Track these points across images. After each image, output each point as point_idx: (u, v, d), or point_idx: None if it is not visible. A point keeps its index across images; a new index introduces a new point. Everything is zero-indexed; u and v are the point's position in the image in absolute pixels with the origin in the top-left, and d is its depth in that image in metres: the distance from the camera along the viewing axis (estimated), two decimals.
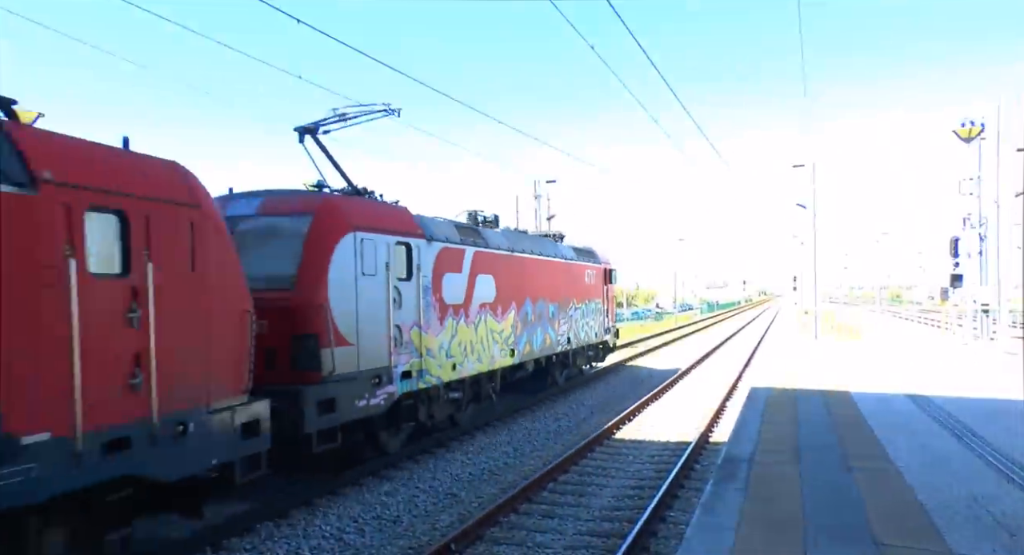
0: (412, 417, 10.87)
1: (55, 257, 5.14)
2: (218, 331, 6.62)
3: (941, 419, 10.09)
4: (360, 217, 9.69)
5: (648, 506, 8.13)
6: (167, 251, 6.10)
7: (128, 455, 5.64)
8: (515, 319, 14.47)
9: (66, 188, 5.27)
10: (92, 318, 5.36)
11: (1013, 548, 5.18)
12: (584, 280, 19.15)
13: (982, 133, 22.71)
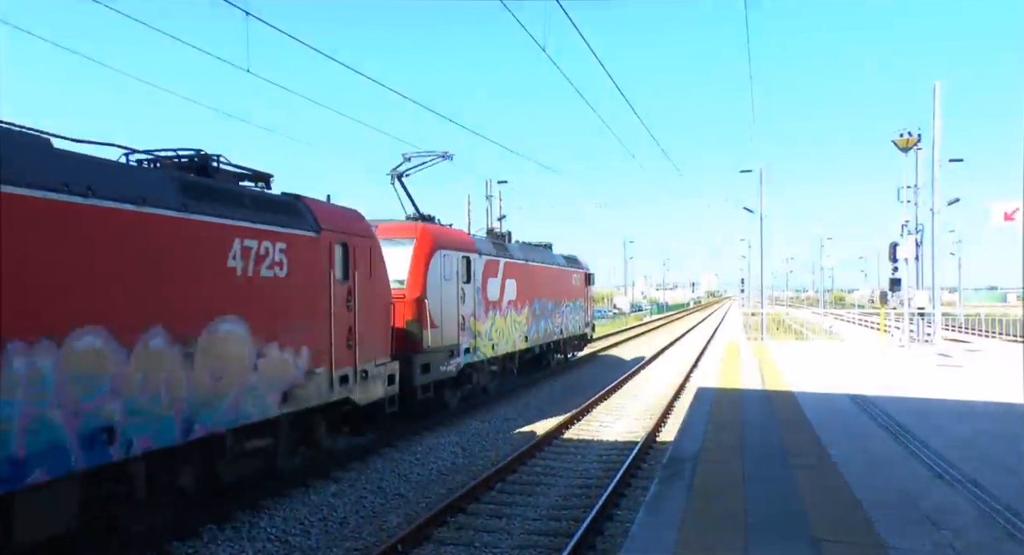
0: (468, 381, 15.19)
1: (326, 270, 9.30)
2: (380, 315, 10.76)
3: (879, 418, 10.43)
4: (442, 239, 13.93)
5: (595, 505, 8.22)
6: (361, 266, 10.15)
7: (347, 386, 9.73)
8: (528, 313, 18.65)
9: (328, 232, 9.39)
10: (336, 306, 9.42)
11: (938, 539, 5.38)
12: (571, 283, 23.20)
13: (919, 143, 23.51)
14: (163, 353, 6.65)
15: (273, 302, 8.25)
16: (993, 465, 7.61)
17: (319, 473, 9.80)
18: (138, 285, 6.42)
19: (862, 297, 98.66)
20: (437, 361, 13.26)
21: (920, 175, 25.37)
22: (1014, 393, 12.84)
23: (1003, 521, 5.78)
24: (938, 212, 25.67)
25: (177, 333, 6.83)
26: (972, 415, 10.76)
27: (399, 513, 8.56)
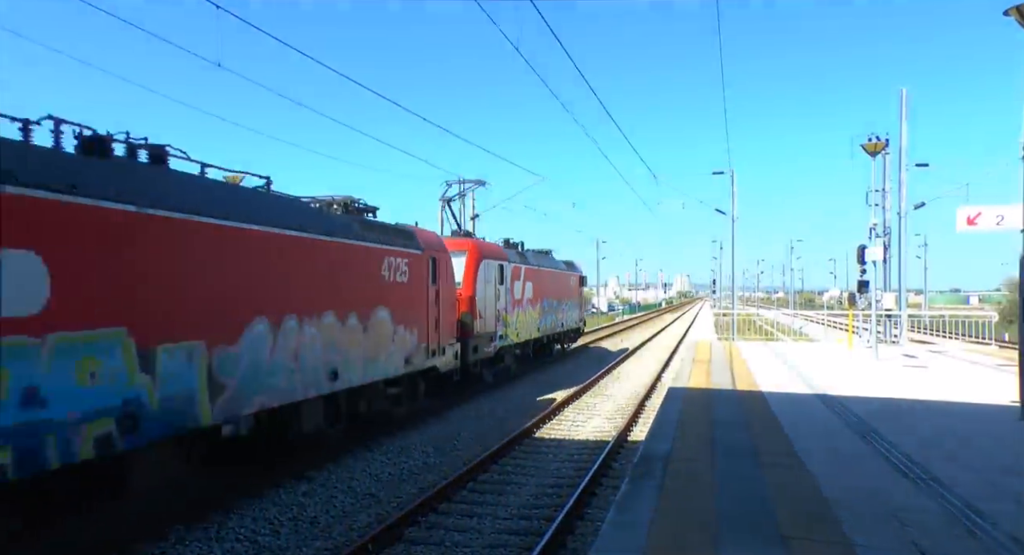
0: (500, 361, 19.70)
1: (426, 277, 13.35)
2: (450, 309, 14.94)
3: (846, 418, 10.57)
4: (485, 251, 18.42)
5: (566, 505, 8.25)
6: (442, 273, 14.27)
7: (434, 358, 13.72)
8: (540, 309, 23.17)
9: (427, 250, 13.43)
10: (430, 302, 13.47)
11: (903, 537, 5.47)
12: (570, 284, 28.07)
13: (886, 148, 23.88)
14: (356, 328, 10.91)
15: (401, 298, 12.51)
16: (957, 464, 7.75)
17: (290, 473, 9.72)
18: (350, 285, 10.76)
19: (831, 298, 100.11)
20: (482, 344, 17.61)
21: (889, 179, 25.81)
22: (977, 393, 13.10)
23: (965, 520, 5.89)
24: (905, 216, 26.14)
25: (361, 316, 11.03)
26: (937, 415, 10.96)
27: (370, 512, 8.51)
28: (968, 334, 27.35)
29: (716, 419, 10.43)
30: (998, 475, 7.31)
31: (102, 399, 6.37)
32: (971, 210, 10.73)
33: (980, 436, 9.28)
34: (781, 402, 12.04)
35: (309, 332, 9.60)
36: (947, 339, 28.30)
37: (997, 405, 11.77)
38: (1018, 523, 5.78)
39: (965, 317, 28.03)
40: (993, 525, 5.73)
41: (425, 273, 13.58)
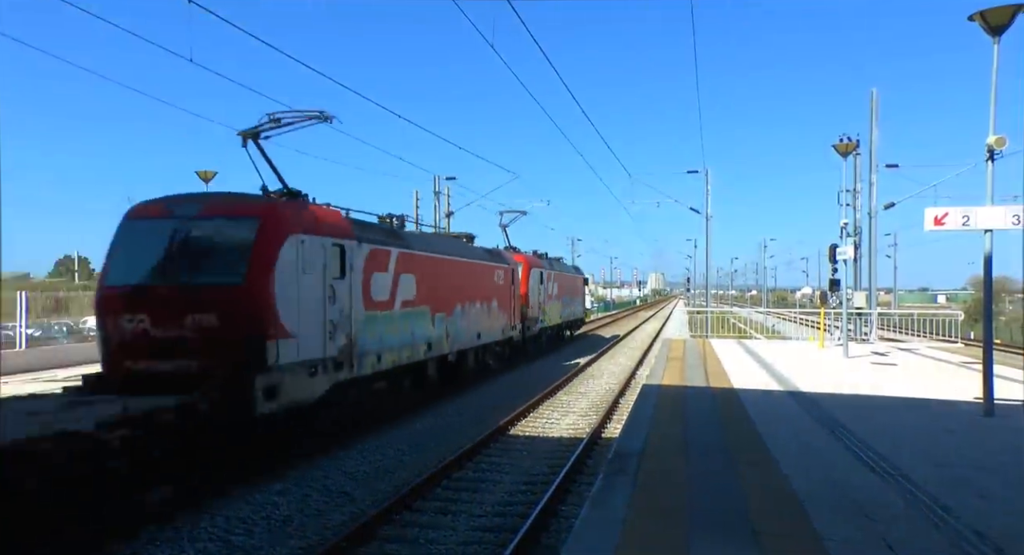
0: (541, 338, 27.07)
1: (509, 282, 21.95)
2: (517, 302, 22.74)
3: (817, 414, 10.73)
4: (532, 261, 25.70)
5: (540, 501, 8.28)
6: (515, 279, 22.67)
7: (512, 332, 22.37)
8: (561, 303, 30.53)
9: (510, 264, 22.09)
10: (511, 298, 22.26)
11: (870, 530, 5.58)
12: (577, 284, 35.93)
13: (857, 149, 24.21)
14: (484, 311, 19.00)
15: (500, 295, 20.70)
16: (924, 459, 7.90)
17: (264, 471, 9.65)
18: (482, 287, 18.92)
19: (804, 296, 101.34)
20: (531, 325, 25.10)
21: (859, 179, 26.19)
22: (943, 390, 13.36)
23: (931, 513, 6.01)
24: (875, 216, 26.53)
25: (486, 305, 19.13)
26: (905, 411, 11.16)
27: (344, 511, 8.48)
28: (936, 332, 27.84)
29: (689, 416, 10.53)
30: (963, 470, 7.47)
31: (423, 334, 14.83)
32: (938, 211, 10.90)
33: (946, 432, 9.47)
34: (753, 399, 12.19)
35: (471, 312, 18.05)
36: (916, 337, 28.78)
37: (963, 401, 12.01)
38: (981, 516, 5.92)
39: (933, 315, 28.54)
40: (957, 518, 5.86)
41: (509, 279, 22.05)
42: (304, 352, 10.09)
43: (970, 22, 10.27)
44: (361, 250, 12.00)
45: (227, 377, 8.75)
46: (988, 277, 11.08)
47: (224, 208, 10.03)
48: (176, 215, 9.83)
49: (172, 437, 7.92)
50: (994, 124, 10.41)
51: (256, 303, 9.32)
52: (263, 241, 9.56)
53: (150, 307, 9.31)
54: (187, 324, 9.14)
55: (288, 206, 10.62)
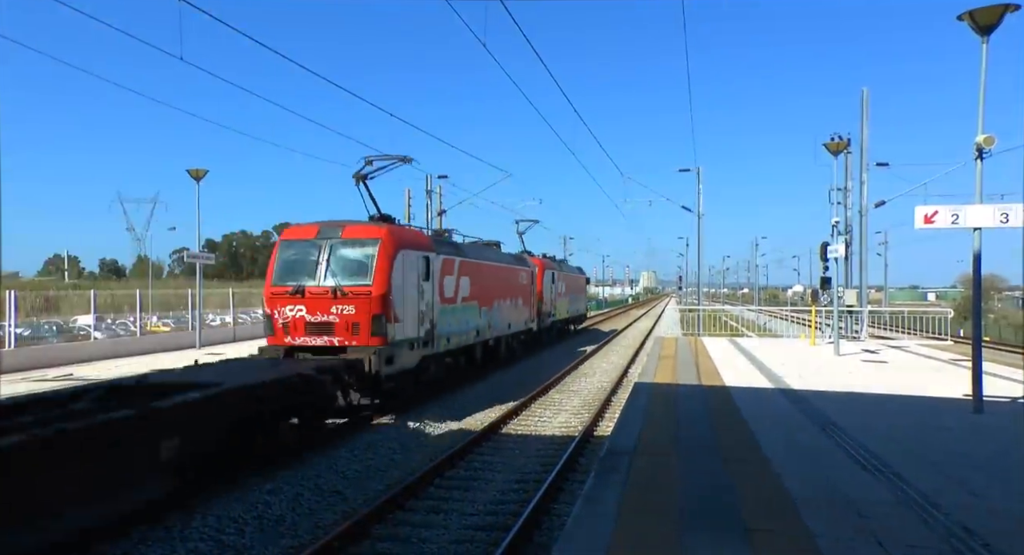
0: (552, 329, 31.07)
1: (530, 282, 25.98)
2: (534, 299, 26.57)
3: (808, 412, 10.77)
4: (546, 263, 30.50)
5: (532, 500, 8.29)
6: (534, 280, 26.84)
7: (532, 324, 26.25)
8: (567, 299, 34.21)
9: (530, 267, 26.46)
10: (531, 295, 26.28)
11: (861, 527, 5.61)
12: (579, 283, 39.46)
13: (848, 147, 24.30)
14: (512, 306, 22.97)
15: (524, 293, 24.44)
16: (914, 456, 7.95)
17: (255, 471, 9.62)
18: (512, 286, 23.02)
19: (795, 294, 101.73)
20: (545, 319, 28.97)
21: (850, 177, 26.30)
22: (933, 387, 13.44)
23: (921, 510, 6.05)
24: (866, 214, 26.64)
25: (514, 301, 23.12)
26: (895, 408, 11.22)
27: (336, 510, 8.47)
28: (926, 330, 27.98)
29: (681, 414, 10.56)
30: (952, 467, 7.51)
31: (472, 323, 18.34)
32: (928, 209, 10.95)
33: (936, 429, 9.52)
34: (745, 397, 12.23)
35: (504, 307, 21.76)
36: (906, 334, 28.92)
37: (952, 398, 12.09)
38: (970, 513, 5.96)
39: (923, 313, 28.66)
40: (946, 515, 5.90)
41: (529, 279, 25.77)
42: (407, 332, 14.14)
43: (959, 22, 10.32)
44: (438, 259, 15.92)
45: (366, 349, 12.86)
46: (977, 275, 11.15)
47: (357, 232, 13.88)
48: (324, 237, 13.78)
49: (343, 382, 12.22)
50: (983, 123, 10.47)
51: (380, 299, 13.24)
52: (383, 256, 13.50)
53: (307, 301, 13.30)
54: (332, 313, 13.21)
55: (396, 230, 14.67)
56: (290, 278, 13.61)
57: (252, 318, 36.92)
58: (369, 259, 13.44)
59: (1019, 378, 15.00)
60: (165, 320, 34.35)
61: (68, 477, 6.36)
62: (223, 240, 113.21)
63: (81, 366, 20.80)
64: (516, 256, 26.16)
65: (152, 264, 77.09)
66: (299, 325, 13.38)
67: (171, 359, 21.87)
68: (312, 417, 11.23)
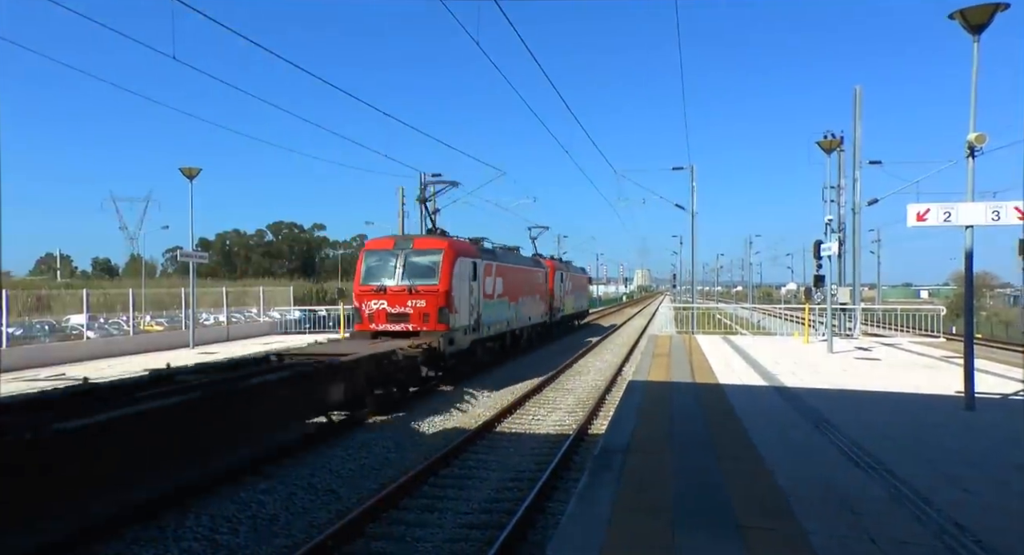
0: (560, 323, 34.35)
1: (545, 281, 29.88)
2: (547, 296, 30.28)
3: (801, 409, 10.80)
4: (558, 264, 34.79)
5: (526, 498, 8.30)
6: (548, 279, 30.82)
7: (546, 317, 30.18)
8: (573, 297, 37.50)
9: (546, 268, 30.63)
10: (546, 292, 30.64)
11: (853, 523, 5.63)
12: (583, 282, 44.05)
13: (841, 146, 24.36)
14: (531, 302, 26.61)
15: (540, 290, 28.38)
16: (907, 453, 7.98)
17: (250, 470, 9.61)
18: (532, 284, 26.75)
19: (788, 292, 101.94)
20: (555, 314, 32.14)
21: (843, 175, 26.36)
22: (925, 384, 13.49)
23: (913, 507, 6.07)
24: (859, 212, 26.71)
25: (533, 297, 26.97)
26: (888, 405, 11.26)
27: (330, 509, 8.46)
28: (919, 327, 28.09)
29: (675, 411, 10.58)
30: (945, 464, 7.55)
31: (504, 315, 22.26)
32: (920, 207, 10.99)
33: (928, 426, 9.56)
34: (738, 394, 12.26)
35: (526, 302, 25.09)
36: (899, 332, 29.03)
37: (944, 395, 12.14)
38: (961, 509, 5.99)
39: (916, 310, 28.77)
40: (938, 511, 5.93)
41: (544, 278, 29.57)
42: (462, 322, 17.92)
43: (951, 20, 10.35)
44: (481, 264, 19.73)
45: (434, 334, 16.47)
46: (969, 272, 11.18)
47: (425, 244, 17.96)
48: (399, 248, 17.79)
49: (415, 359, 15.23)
50: (975, 121, 10.51)
51: (445, 295, 17.04)
52: (445, 262, 17.34)
53: (388, 296, 17.20)
54: (408, 305, 17.06)
55: (455, 242, 18.70)
56: (374, 279, 17.48)
57: (246, 317, 36.83)
58: (435, 264, 17.23)
59: (1011, 375, 15.08)
60: (158, 319, 34.24)
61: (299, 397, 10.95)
62: (216, 239, 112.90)
63: (74, 366, 20.71)
64: (534, 259, 30.30)
65: (145, 263, 76.89)
66: (381, 315, 17.32)
67: (165, 358, 21.81)
68: (404, 381, 15.03)
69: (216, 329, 31.75)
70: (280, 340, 28.68)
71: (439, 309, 16.99)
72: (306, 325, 34.58)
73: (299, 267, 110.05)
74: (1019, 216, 10.36)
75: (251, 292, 39.71)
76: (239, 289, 43.01)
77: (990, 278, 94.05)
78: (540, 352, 26.91)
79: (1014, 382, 13.97)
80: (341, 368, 12.16)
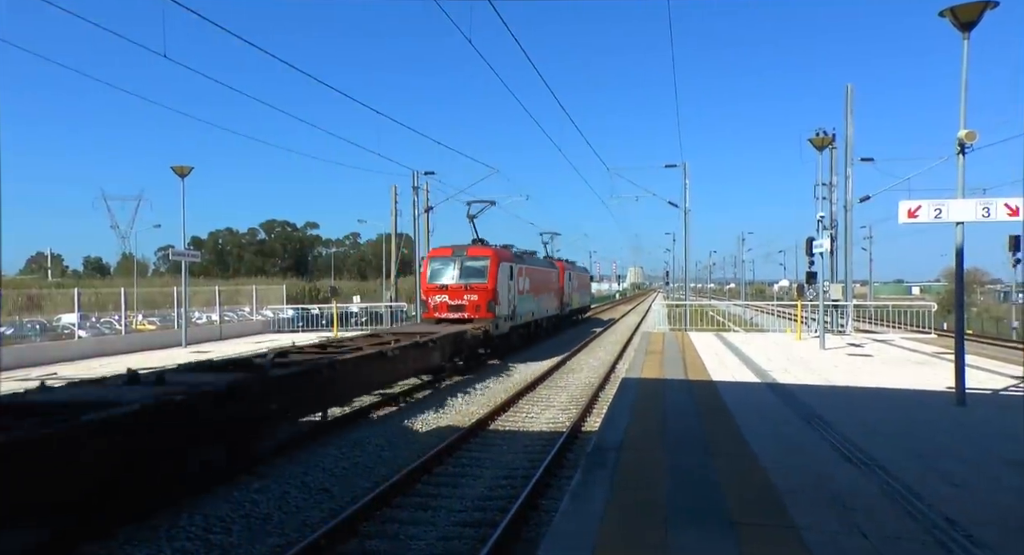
0: (570, 316, 40.82)
1: (557, 279, 35.78)
2: (560, 292, 36.02)
3: (794, 406, 10.84)
4: (567, 265, 39.95)
5: (520, 496, 8.31)
6: (561, 277, 36.36)
7: (559, 311, 35.82)
8: (579, 294, 43.69)
9: (557, 268, 35.93)
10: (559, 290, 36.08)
11: (845, 519, 5.66)
12: (586, 280, 49.99)
13: (833, 143, 24.43)
14: (548, 297, 32.05)
15: (554, 288, 33.69)
16: (898, 449, 8.02)
17: (243, 469, 9.59)
18: (547, 282, 31.77)
19: (781, 289, 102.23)
20: (564, 308, 36.77)
21: (835, 173, 26.45)
22: (917, 380, 13.56)
23: (905, 502, 6.11)
24: (850, 209, 26.81)
25: (548, 293, 31.86)
26: (879, 401, 11.31)
27: (324, 508, 8.45)
28: (910, 323, 28.23)
29: (668, 408, 10.60)
30: (935, 459, 7.59)
31: (530, 308, 27.43)
32: (912, 204, 11.04)
33: (920, 421, 9.61)
34: (731, 391, 12.29)
35: (544, 298, 30.38)
36: (891, 328, 29.16)
37: (935, 391, 12.20)
38: (952, 504, 6.02)
39: (908, 307, 28.89)
40: (929, 506, 5.96)
41: (557, 278, 34.31)
42: (503, 312, 23.00)
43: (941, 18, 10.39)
44: (516, 267, 24.90)
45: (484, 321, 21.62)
46: (960, 269, 11.24)
47: (476, 252, 23.14)
48: (456, 255, 23.00)
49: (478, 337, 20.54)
50: (965, 118, 10.56)
51: (492, 291, 22.19)
52: (492, 266, 22.57)
53: (448, 292, 22.46)
54: (463, 298, 22.24)
55: (499, 250, 24.04)
56: (437, 279, 22.92)
57: (239, 316, 36.73)
58: (484, 268, 22.54)
59: (1001, 370, 15.17)
60: (151, 318, 34.14)
61: (419, 358, 16.13)
62: (209, 238, 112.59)
63: (65, 365, 20.62)
64: (548, 260, 36.10)
65: (137, 262, 76.61)
66: (443, 306, 22.55)
67: (157, 358, 21.74)
68: (470, 355, 20.20)
69: (209, 328, 31.67)
70: (273, 339, 28.62)
71: (488, 302, 22.28)
72: (299, 323, 34.52)
73: (292, 266, 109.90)
74: (1009, 212, 10.43)
75: (244, 291, 39.62)
76: (232, 288, 42.92)
77: (981, 274, 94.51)
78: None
79: (1004, 378, 14.05)
80: (440, 341, 17.35)
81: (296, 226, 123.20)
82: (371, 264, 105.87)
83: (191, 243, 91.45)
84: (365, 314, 37.60)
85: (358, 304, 42.34)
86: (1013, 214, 10.44)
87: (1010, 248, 36.39)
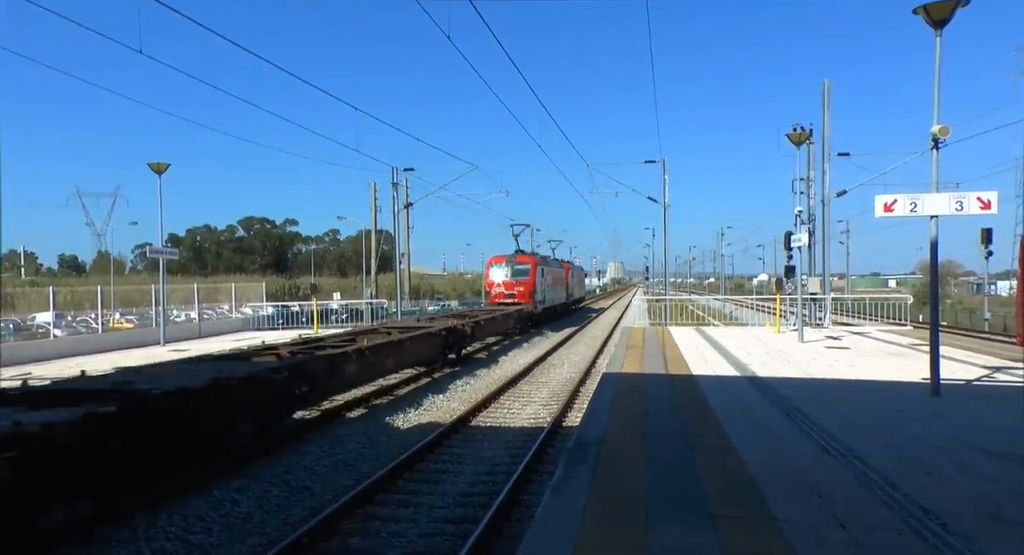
0: (571, 305, 54.89)
1: (565, 276, 49.23)
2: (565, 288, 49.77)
3: (773, 399, 10.94)
4: (571, 265, 56.67)
5: (501, 492, 8.32)
6: (566, 275, 50.12)
7: (564, 301, 49.15)
8: (578, 287, 59.38)
9: (565, 268, 52.48)
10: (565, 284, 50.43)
11: (824, 510, 5.72)
12: (582, 276, 70.32)
13: (810, 138, 24.64)
14: (559, 289, 46.01)
15: (562, 282, 47.18)
16: (875, 440, 8.12)
17: (221, 468, 9.52)
18: (557, 278, 44.73)
19: (760, 283, 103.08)
20: (568, 298, 50.07)
21: (812, 168, 26.69)
22: (893, 371, 13.74)
23: (882, 493, 6.19)
24: (828, 203, 27.06)
25: (560, 286, 46.10)
26: (857, 393, 11.45)
27: (304, 506, 8.42)
28: (887, 316, 28.58)
29: (649, 403, 10.66)
30: (911, 449, 7.70)
31: (551, 297, 42.06)
32: (888, 198, 11.17)
33: (896, 412, 9.74)
34: (711, 385, 12.38)
35: (556, 289, 44.22)
36: (868, 321, 29.51)
37: (911, 382, 12.38)
38: (927, 493, 6.11)
39: (884, 299, 29.27)
40: (905, 496, 6.05)
41: (564, 273, 47.56)
42: (538, 298, 36.64)
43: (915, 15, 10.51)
44: (545, 268, 38.59)
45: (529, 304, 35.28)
46: (934, 261, 11.40)
47: (522, 259, 37.45)
48: (509, 261, 37.14)
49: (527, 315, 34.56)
50: (938, 113, 10.69)
51: (532, 284, 36.21)
52: (533, 268, 36.92)
53: (504, 285, 36.45)
54: (514, 290, 35.97)
55: (536, 257, 38.83)
56: (496, 277, 36.42)
57: (218, 314, 36.43)
58: (527, 270, 35.89)
59: (974, 361, 15.41)
60: (128, 317, 33.76)
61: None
62: (187, 235, 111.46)
63: (40, 365, 20.34)
64: (558, 261, 48.20)
65: (114, 260, 75.64)
66: (500, 295, 35.39)
67: (136, 356, 21.50)
68: (524, 326, 31.56)
69: (188, 326, 31.38)
70: (254, 336, 28.41)
71: (530, 292, 35.43)
72: (279, 321, 34.30)
73: (271, 263, 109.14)
74: (981, 206, 10.59)
75: (223, 288, 39.28)
76: (210, 285, 42.55)
77: (955, 266, 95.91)
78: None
79: (977, 368, 14.28)
80: (510, 315, 29.07)
81: (275, 223, 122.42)
82: (351, 261, 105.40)
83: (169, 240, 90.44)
84: (345, 311, 37.45)
85: (338, 301, 42.16)
86: (985, 207, 10.61)
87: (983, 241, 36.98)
